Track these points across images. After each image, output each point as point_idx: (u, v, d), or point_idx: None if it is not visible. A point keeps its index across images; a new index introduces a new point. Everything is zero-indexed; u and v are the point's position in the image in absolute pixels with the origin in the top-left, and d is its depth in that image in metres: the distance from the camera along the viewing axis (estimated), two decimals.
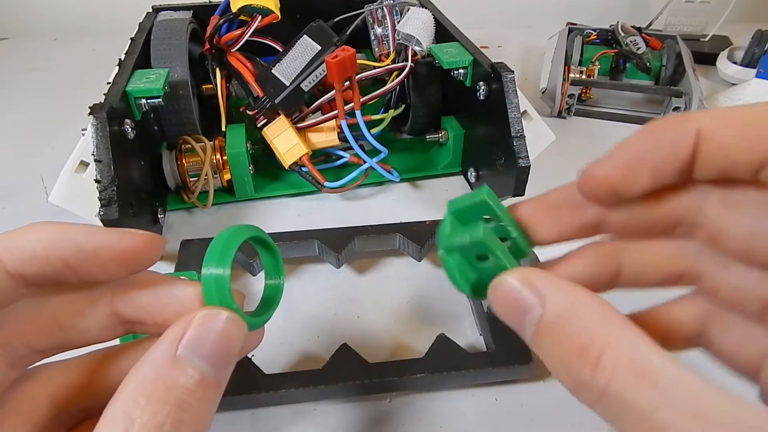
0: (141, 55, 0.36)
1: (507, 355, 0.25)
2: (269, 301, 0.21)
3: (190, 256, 0.31)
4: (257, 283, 0.32)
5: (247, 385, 0.24)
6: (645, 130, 0.16)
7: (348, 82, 0.35)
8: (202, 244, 0.31)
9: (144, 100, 0.32)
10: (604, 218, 0.18)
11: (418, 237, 0.32)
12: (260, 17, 0.37)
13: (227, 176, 0.37)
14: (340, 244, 0.31)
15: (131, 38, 0.38)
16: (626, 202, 0.18)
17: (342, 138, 0.37)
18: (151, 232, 0.18)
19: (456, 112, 0.41)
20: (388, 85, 0.38)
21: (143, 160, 0.33)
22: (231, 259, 0.18)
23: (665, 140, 0.16)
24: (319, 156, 0.40)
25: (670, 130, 0.16)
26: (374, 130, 0.38)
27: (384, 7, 0.41)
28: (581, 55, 0.53)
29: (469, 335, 0.29)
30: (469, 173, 0.40)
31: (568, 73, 0.51)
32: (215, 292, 0.17)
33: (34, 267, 0.15)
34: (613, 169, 0.17)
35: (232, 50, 0.39)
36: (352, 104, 0.35)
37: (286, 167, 0.37)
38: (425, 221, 0.33)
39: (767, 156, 0.14)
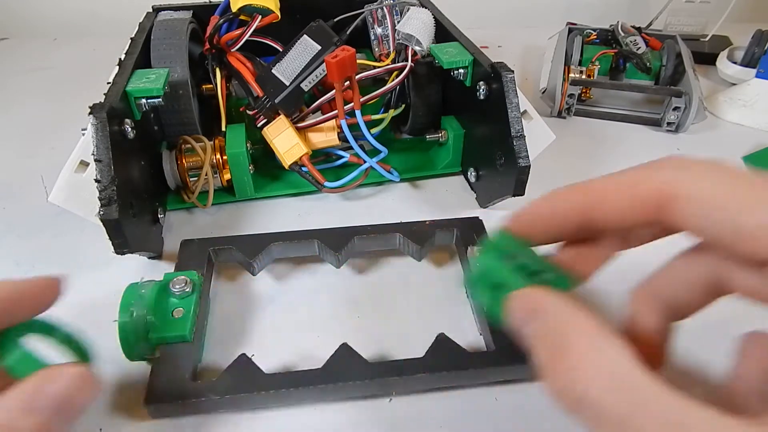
0: (141, 55, 0.36)
1: (507, 354, 0.25)
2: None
3: (190, 256, 0.31)
4: (257, 284, 0.32)
5: (247, 384, 0.24)
6: (543, 199, 0.21)
7: (348, 82, 0.35)
8: (202, 244, 0.31)
9: (144, 100, 0.32)
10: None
11: (418, 237, 0.32)
12: (260, 17, 0.37)
13: (227, 176, 0.37)
14: (340, 244, 0.31)
15: (131, 38, 0.38)
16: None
17: (342, 138, 0.37)
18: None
19: (456, 112, 0.41)
20: (388, 85, 0.38)
21: (143, 160, 0.33)
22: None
23: (557, 208, 0.21)
24: (319, 156, 0.40)
25: (562, 199, 0.21)
26: (374, 130, 0.38)
27: (384, 7, 0.41)
28: (581, 55, 0.53)
29: (469, 335, 0.29)
30: (469, 173, 0.40)
31: (568, 73, 0.51)
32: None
33: None
34: (523, 224, 0.21)
35: (232, 50, 0.39)
36: (352, 104, 0.35)
37: (286, 167, 0.37)
38: (425, 221, 0.33)
39: (654, 214, 0.18)
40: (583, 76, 0.51)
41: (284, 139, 0.37)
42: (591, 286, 0.22)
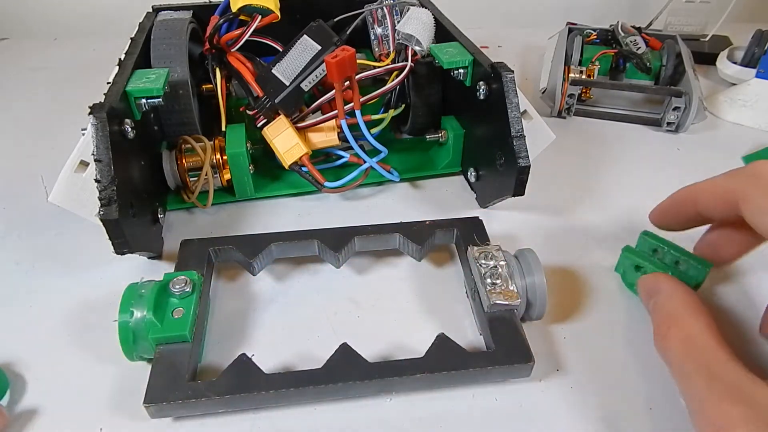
0: (141, 55, 0.36)
1: (507, 354, 0.25)
2: None
3: (190, 256, 0.31)
4: (257, 284, 0.32)
5: (247, 385, 0.24)
6: (670, 198, 0.29)
7: (348, 82, 0.35)
8: (202, 244, 0.31)
9: (144, 100, 0.32)
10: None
11: (418, 237, 0.32)
12: (260, 17, 0.37)
13: (227, 176, 0.37)
14: (340, 244, 0.31)
15: (131, 38, 0.38)
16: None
17: (342, 138, 0.37)
18: None
19: (456, 112, 0.41)
20: (388, 85, 0.38)
21: (143, 160, 0.33)
22: None
23: (677, 206, 0.29)
24: (319, 156, 0.40)
25: (678, 197, 0.28)
26: (374, 130, 0.38)
27: (384, 7, 0.41)
28: (581, 55, 0.53)
29: (469, 335, 0.29)
30: (469, 173, 0.40)
31: (568, 73, 0.51)
32: None
33: None
34: (655, 217, 0.30)
35: (232, 50, 0.39)
36: (352, 104, 0.35)
37: (286, 167, 0.37)
38: (425, 221, 0.33)
39: (730, 211, 0.25)
40: (583, 76, 0.51)
41: (284, 139, 0.36)
42: None
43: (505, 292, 0.27)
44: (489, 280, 0.28)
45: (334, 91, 0.35)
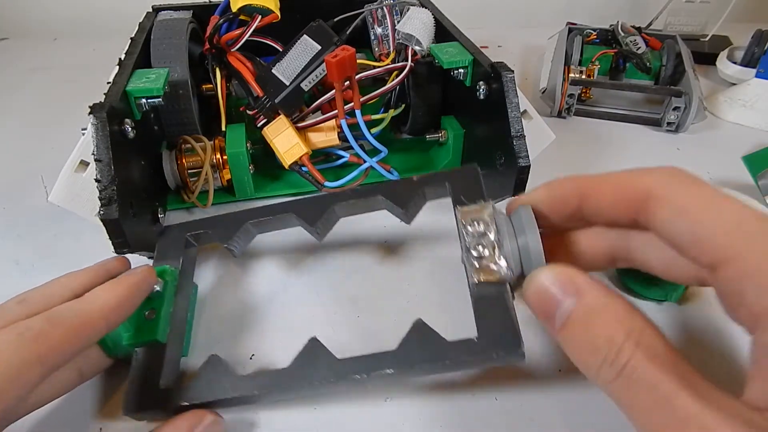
0: (141, 55, 0.36)
1: (492, 342, 0.22)
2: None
3: (168, 245, 0.30)
4: (256, 282, 0.32)
5: (216, 388, 0.24)
6: (544, 186, 0.23)
7: (348, 82, 0.35)
8: (180, 229, 0.30)
9: (144, 100, 0.32)
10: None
11: (403, 196, 0.29)
12: (260, 17, 0.37)
13: (227, 176, 0.37)
14: (318, 214, 0.29)
15: (131, 38, 0.38)
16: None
17: (342, 138, 0.37)
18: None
19: (456, 112, 0.41)
20: (388, 85, 0.38)
21: (143, 160, 0.33)
22: None
23: (555, 196, 0.23)
24: (319, 156, 0.40)
25: (560, 188, 0.23)
26: (374, 130, 0.38)
27: (384, 7, 0.41)
28: (581, 54, 0.53)
29: (468, 327, 0.29)
30: None
31: (568, 73, 0.51)
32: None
33: None
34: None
35: (232, 50, 0.39)
36: (352, 104, 0.35)
37: (286, 167, 0.37)
38: (412, 177, 0.29)
39: (635, 212, 0.21)
40: (583, 76, 0.51)
41: (284, 139, 0.36)
42: None
43: (492, 270, 0.23)
44: (475, 252, 0.23)
45: (334, 91, 0.35)
